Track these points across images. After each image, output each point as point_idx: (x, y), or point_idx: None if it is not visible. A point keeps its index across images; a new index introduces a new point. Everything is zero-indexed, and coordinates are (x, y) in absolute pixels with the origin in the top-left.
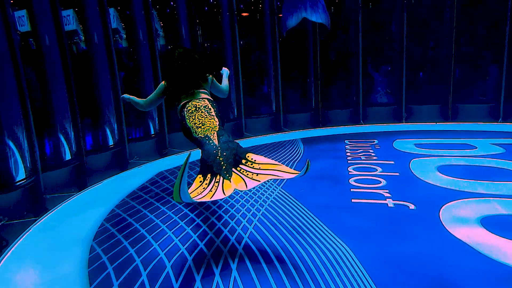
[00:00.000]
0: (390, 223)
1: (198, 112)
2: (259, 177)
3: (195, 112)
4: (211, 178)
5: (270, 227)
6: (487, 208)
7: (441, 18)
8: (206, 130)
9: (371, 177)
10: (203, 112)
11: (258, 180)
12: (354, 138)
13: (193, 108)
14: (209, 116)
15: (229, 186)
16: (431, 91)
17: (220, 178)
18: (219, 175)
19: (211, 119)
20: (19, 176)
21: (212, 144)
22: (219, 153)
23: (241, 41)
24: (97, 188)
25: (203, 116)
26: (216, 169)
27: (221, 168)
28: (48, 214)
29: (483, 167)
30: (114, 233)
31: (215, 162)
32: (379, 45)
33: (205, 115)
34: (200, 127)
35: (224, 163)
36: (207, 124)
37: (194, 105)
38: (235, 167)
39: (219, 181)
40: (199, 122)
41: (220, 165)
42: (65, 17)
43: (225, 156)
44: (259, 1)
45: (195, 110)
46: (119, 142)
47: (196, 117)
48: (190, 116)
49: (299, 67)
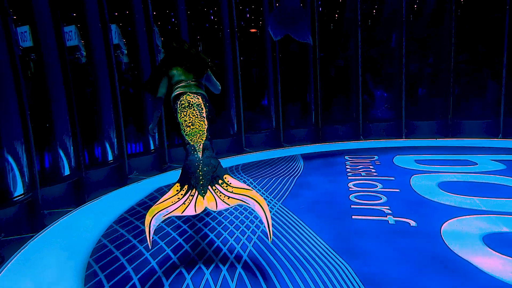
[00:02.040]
0: (391, 241)
1: (191, 109)
2: (230, 200)
3: (187, 109)
4: (187, 190)
5: (270, 244)
6: (489, 225)
7: (440, 34)
8: (194, 134)
9: (371, 194)
10: (195, 110)
11: (228, 203)
12: (354, 154)
13: (186, 104)
14: (200, 117)
15: (202, 203)
16: (431, 107)
17: (196, 193)
18: (195, 189)
19: (201, 121)
20: (17, 192)
21: (196, 156)
22: (200, 166)
23: (241, 57)
24: (95, 204)
25: (194, 115)
26: (194, 182)
27: (198, 183)
28: (46, 230)
29: (484, 183)
30: (111, 249)
31: (194, 175)
32: (379, 61)
33: (196, 114)
34: (189, 127)
35: (202, 179)
36: (196, 125)
37: (188, 100)
38: (211, 185)
39: (194, 195)
40: (189, 121)
41: (198, 180)
42: (67, 33)
43: (204, 171)
44: (259, 18)
45: (188, 106)
46: (118, 157)
47: (188, 115)
48: (182, 111)
49: (299, 83)
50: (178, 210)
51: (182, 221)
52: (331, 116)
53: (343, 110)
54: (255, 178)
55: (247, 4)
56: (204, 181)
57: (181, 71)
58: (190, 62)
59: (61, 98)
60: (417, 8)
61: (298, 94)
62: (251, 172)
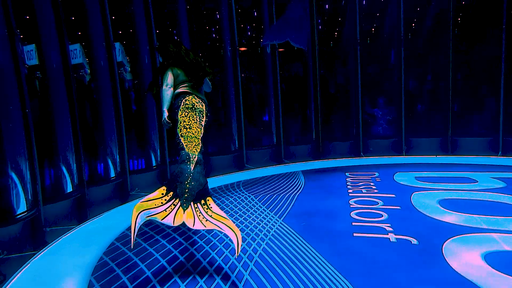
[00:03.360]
0: (393, 260)
1: (192, 112)
2: (207, 223)
3: (189, 111)
4: (171, 198)
5: (272, 263)
6: (490, 244)
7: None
8: (190, 140)
9: (372, 211)
10: (196, 115)
11: (204, 225)
12: (355, 171)
13: (190, 105)
14: (198, 124)
15: (181, 216)
16: (430, 124)
17: (178, 203)
18: (179, 200)
19: (199, 128)
20: (20, 209)
21: (188, 166)
22: (189, 179)
23: (242, 74)
24: (97, 221)
25: (194, 120)
26: (179, 192)
27: (183, 195)
28: (48, 248)
29: (484, 201)
30: (113, 267)
31: (182, 186)
32: (378, 78)
33: (196, 119)
34: (186, 128)
35: (187, 191)
36: (193, 130)
37: (192, 102)
38: (194, 202)
39: (177, 205)
40: (188, 123)
41: (184, 191)
42: (72, 51)
43: (192, 185)
44: (260, 35)
45: (191, 108)
46: (120, 173)
47: (188, 116)
48: (184, 111)
49: (299, 100)
50: (159, 215)
51: (188, 243)
52: (332, 132)
53: (343, 127)
54: (256, 194)
55: (247, 22)
56: (188, 195)
57: (183, 73)
58: (190, 70)
59: (64, 115)
60: (415, 25)
61: (299, 110)
62: (252, 189)
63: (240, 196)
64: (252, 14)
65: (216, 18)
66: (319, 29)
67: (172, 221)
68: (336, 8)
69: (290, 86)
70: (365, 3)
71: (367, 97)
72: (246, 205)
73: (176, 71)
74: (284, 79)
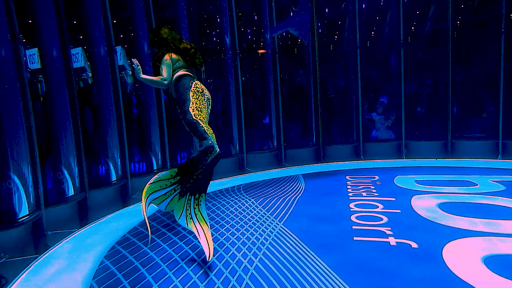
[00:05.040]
0: (393, 264)
1: (203, 97)
2: (190, 222)
3: (200, 95)
4: (176, 181)
5: (272, 268)
6: (490, 247)
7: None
8: (204, 122)
9: (372, 214)
10: (205, 102)
11: (187, 223)
12: (355, 174)
13: (200, 90)
14: (206, 110)
15: (173, 204)
16: (430, 127)
17: (178, 190)
18: (180, 186)
19: (207, 115)
20: (22, 213)
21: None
22: (199, 171)
23: (243, 78)
24: (98, 224)
25: (204, 105)
26: (184, 180)
27: (187, 184)
28: (49, 251)
29: (484, 204)
30: (113, 271)
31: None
32: (378, 82)
33: (206, 106)
34: (198, 110)
35: (191, 183)
36: (203, 114)
37: (202, 88)
38: (190, 194)
39: (177, 191)
40: (199, 105)
41: (188, 181)
42: (74, 55)
43: (199, 178)
44: (260, 39)
45: (201, 93)
46: (122, 177)
47: (199, 100)
48: (195, 93)
49: (300, 103)
50: (158, 199)
51: (189, 247)
52: (332, 136)
53: (344, 130)
54: (256, 198)
55: (248, 26)
56: (190, 186)
57: (183, 61)
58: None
59: (66, 119)
60: (414, 29)
61: (299, 114)
62: (252, 192)
63: (240, 199)
64: (253, 18)
65: (217, 22)
66: (319, 32)
67: (165, 206)
68: (336, 12)
69: (290, 90)
70: (364, 7)
71: (367, 100)
72: (247, 209)
73: (173, 58)
74: (284, 83)
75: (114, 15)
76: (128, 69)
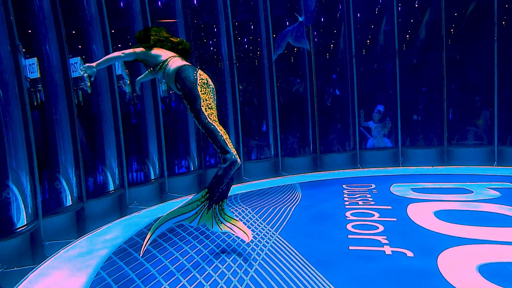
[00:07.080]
0: (388, 274)
1: (209, 89)
2: (222, 226)
3: (206, 87)
4: (205, 199)
5: (267, 278)
6: (485, 256)
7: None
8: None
9: (368, 223)
10: (212, 93)
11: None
12: (352, 183)
13: (205, 81)
14: (214, 103)
15: (204, 218)
16: (426, 135)
17: (206, 204)
18: (208, 202)
19: (216, 109)
20: (20, 222)
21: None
22: (223, 184)
23: (240, 86)
24: (95, 235)
25: (212, 98)
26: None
27: (213, 198)
28: (46, 262)
29: (480, 211)
30: (109, 283)
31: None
32: (374, 90)
33: (213, 98)
34: (211, 109)
35: (217, 195)
36: (213, 109)
37: (206, 78)
38: (215, 204)
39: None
40: (209, 101)
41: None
42: (72, 64)
43: (223, 190)
44: (257, 48)
45: (207, 84)
46: (119, 187)
47: (207, 93)
48: (202, 86)
49: (297, 112)
50: (188, 219)
51: (185, 258)
52: (329, 144)
53: (341, 139)
54: (253, 207)
55: (245, 35)
56: (217, 198)
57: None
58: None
59: (64, 128)
60: (409, 37)
61: (296, 123)
62: (249, 201)
63: (237, 209)
64: (249, 28)
65: (214, 31)
66: (314, 40)
67: (197, 222)
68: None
69: (287, 99)
70: (359, 15)
71: (364, 109)
72: (243, 219)
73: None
74: (281, 92)
75: (112, 25)
76: (126, 78)
